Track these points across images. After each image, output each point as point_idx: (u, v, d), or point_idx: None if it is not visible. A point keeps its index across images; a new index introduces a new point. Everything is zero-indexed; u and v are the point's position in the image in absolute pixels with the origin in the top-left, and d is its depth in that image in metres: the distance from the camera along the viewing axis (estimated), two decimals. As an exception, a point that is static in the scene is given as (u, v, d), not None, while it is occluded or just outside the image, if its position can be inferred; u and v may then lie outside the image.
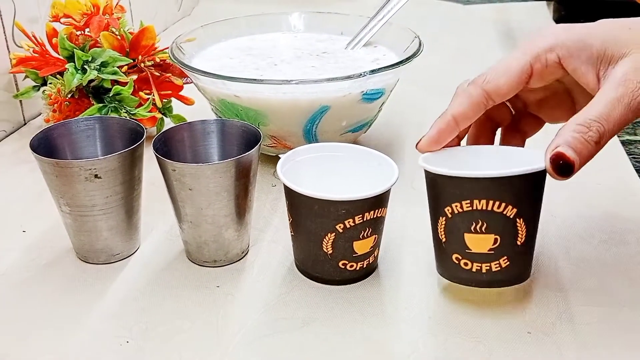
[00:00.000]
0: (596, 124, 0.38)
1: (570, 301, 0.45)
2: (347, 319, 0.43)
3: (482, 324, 0.43)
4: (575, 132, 0.38)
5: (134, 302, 0.45)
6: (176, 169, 0.44)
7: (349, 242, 0.44)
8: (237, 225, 0.47)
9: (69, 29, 0.66)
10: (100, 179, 0.45)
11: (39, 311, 0.45)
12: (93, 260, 0.49)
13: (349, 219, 0.43)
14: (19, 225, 0.54)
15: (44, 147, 0.47)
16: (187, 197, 0.45)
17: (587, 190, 0.58)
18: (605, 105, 0.38)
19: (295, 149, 0.48)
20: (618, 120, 0.38)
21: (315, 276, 0.46)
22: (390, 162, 0.46)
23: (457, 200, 0.41)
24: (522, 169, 0.40)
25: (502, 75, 0.41)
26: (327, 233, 0.43)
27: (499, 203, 0.40)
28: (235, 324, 0.43)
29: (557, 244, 0.51)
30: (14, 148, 0.68)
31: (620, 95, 0.38)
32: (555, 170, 0.38)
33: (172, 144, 0.48)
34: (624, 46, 0.39)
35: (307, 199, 0.43)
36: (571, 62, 0.40)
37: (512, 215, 0.41)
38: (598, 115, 0.38)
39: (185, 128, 0.49)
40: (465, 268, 0.43)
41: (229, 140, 0.50)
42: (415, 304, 0.45)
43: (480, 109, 0.43)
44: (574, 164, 0.38)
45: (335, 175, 0.49)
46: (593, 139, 0.38)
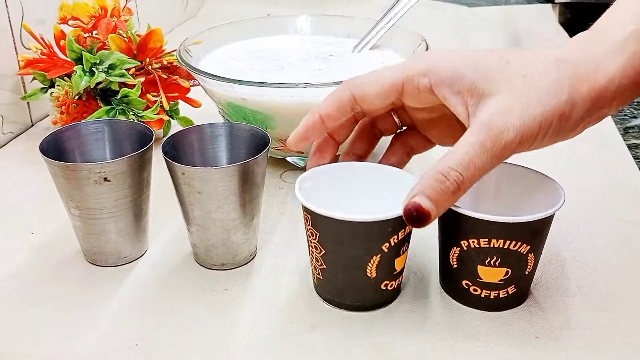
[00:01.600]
0: (454, 173, 0.36)
1: (578, 306, 0.45)
2: (355, 323, 0.43)
3: (490, 328, 0.43)
4: (434, 181, 0.37)
5: (142, 304, 0.45)
6: (185, 173, 0.44)
7: (391, 261, 0.42)
8: (246, 229, 0.47)
9: (77, 31, 0.66)
10: (110, 182, 0.45)
11: (48, 313, 0.45)
12: (101, 262, 0.49)
13: (394, 236, 0.41)
14: (28, 227, 0.54)
15: (53, 150, 0.47)
16: (196, 201, 0.45)
17: (593, 194, 0.58)
18: (467, 151, 0.36)
19: (300, 177, 0.45)
20: (480, 167, 0.37)
21: (355, 305, 0.44)
22: (396, 170, 0.46)
23: (475, 237, 0.42)
24: (543, 214, 0.41)
25: (372, 84, 0.41)
26: (372, 256, 0.41)
27: (515, 242, 0.41)
28: (244, 326, 0.43)
29: (564, 249, 0.51)
30: (21, 149, 0.68)
31: (482, 140, 0.36)
32: (409, 220, 0.37)
33: (181, 147, 0.48)
34: (495, 83, 0.37)
35: (351, 225, 0.40)
36: (441, 90, 0.39)
37: (525, 252, 0.42)
38: (458, 163, 0.36)
39: (194, 131, 0.49)
40: (474, 293, 0.44)
41: (237, 143, 0.50)
42: (423, 308, 0.45)
43: (347, 112, 0.42)
44: (429, 215, 0.37)
45: (347, 196, 0.47)
46: (450, 188, 0.37)
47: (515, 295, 0.44)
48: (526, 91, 0.37)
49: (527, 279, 0.44)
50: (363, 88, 0.41)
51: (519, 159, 0.49)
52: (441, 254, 0.46)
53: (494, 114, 0.37)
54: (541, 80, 0.37)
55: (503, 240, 0.41)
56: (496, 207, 0.46)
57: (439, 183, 0.37)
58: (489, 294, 0.44)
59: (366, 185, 0.47)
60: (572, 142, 0.69)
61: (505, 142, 0.36)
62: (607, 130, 0.72)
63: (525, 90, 0.37)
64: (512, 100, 0.37)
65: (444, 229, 0.44)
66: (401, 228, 0.41)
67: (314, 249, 0.43)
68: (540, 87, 0.37)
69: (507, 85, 0.37)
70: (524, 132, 0.37)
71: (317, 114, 0.43)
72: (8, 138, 0.69)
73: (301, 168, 0.63)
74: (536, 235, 0.42)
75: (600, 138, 0.70)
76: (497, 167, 0.47)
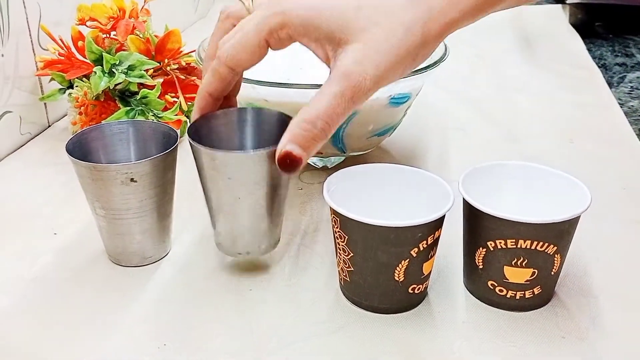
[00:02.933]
0: (320, 122, 0.39)
1: (603, 306, 0.45)
2: (381, 323, 0.44)
3: (515, 328, 0.43)
4: (303, 130, 0.40)
5: (168, 305, 0.46)
6: (216, 158, 0.43)
7: (420, 265, 0.43)
8: (273, 217, 0.46)
9: (95, 32, 0.66)
10: (136, 183, 0.45)
11: (75, 315, 0.45)
12: (125, 263, 0.49)
13: (423, 242, 0.41)
14: (50, 228, 0.54)
15: (78, 150, 0.47)
16: (225, 187, 0.44)
17: (612, 196, 0.59)
18: (329, 101, 0.39)
19: (327, 180, 0.45)
20: (341, 113, 0.39)
21: (382, 308, 0.44)
22: (422, 172, 0.46)
23: (503, 238, 0.42)
24: (571, 214, 0.41)
25: (241, 52, 0.42)
26: (401, 261, 0.42)
27: (542, 243, 0.42)
28: (270, 328, 0.43)
29: (586, 249, 0.51)
30: (40, 150, 0.68)
31: (343, 90, 0.39)
32: (283, 167, 0.40)
33: (205, 133, 0.47)
34: (351, 32, 0.39)
35: (382, 230, 0.41)
36: (302, 39, 0.41)
37: (552, 252, 0.42)
38: (323, 112, 0.39)
39: (220, 116, 0.48)
40: (499, 294, 0.44)
41: (264, 130, 0.49)
42: (448, 308, 0.45)
43: (230, 82, 0.44)
44: (300, 160, 0.40)
45: (372, 198, 0.47)
46: (318, 135, 0.40)
47: (541, 296, 0.44)
48: (380, 39, 0.39)
49: (552, 279, 0.44)
50: (237, 58, 0.42)
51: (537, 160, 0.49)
52: (466, 254, 0.46)
53: (351, 64, 0.39)
54: (394, 28, 0.39)
55: (530, 241, 0.41)
56: (521, 207, 0.46)
57: (307, 132, 0.40)
58: (515, 295, 0.44)
59: (391, 186, 0.47)
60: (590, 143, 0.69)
61: (363, 90, 0.39)
62: (624, 132, 0.72)
63: (379, 39, 0.39)
64: (367, 49, 0.39)
65: (469, 230, 0.45)
66: (430, 233, 0.42)
67: (341, 251, 0.43)
68: (394, 35, 0.39)
69: (362, 34, 0.39)
70: (380, 79, 0.39)
71: (205, 93, 0.45)
72: (26, 139, 0.70)
73: (320, 168, 0.64)
74: (563, 235, 0.42)
75: (618, 139, 0.71)
76: (521, 167, 0.47)
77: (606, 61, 0.99)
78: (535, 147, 0.69)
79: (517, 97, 0.83)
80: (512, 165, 0.48)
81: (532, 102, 0.82)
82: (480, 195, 0.44)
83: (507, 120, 0.76)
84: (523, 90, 0.85)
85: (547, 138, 0.71)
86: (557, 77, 0.90)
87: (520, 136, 0.72)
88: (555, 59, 0.97)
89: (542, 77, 0.90)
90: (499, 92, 0.85)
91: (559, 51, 1.00)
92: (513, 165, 0.48)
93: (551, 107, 0.80)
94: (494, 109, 0.79)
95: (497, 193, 0.47)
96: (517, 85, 0.87)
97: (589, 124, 0.75)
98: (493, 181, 0.47)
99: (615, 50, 1.04)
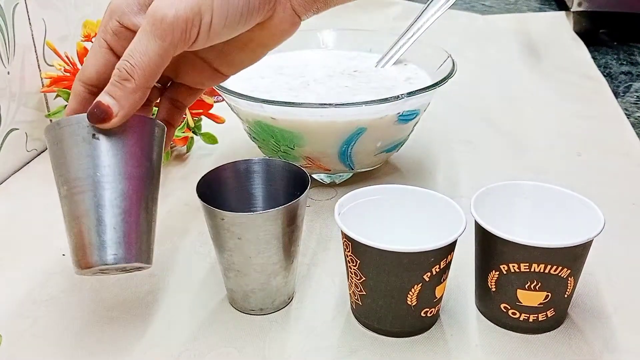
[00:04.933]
0: (123, 63, 0.38)
1: (616, 327, 0.45)
2: (394, 347, 0.43)
3: (529, 351, 0.43)
4: (112, 78, 0.38)
5: (179, 327, 0.45)
6: (225, 218, 0.42)
7: (432, 289, 0.42)
8: (285, 272, 0.45)
9: (101, 48, 0.66)
10: None
11: (86, 338, 0.45)
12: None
13: (436, 266, 0.41)
14: (59, 249, 0.54)
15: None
16: (236, 246, 0.43)
17: (622, 211, 0.58)
18: (135, 41, 0.38)
19: (338, 202, 0.45)
20: (143, 51, 0.37)
21: (394, 332, 0.44)
22: (432, 193, 0.46)
23: (516, 261, 0.42)
24: (585, 237, 0.41)
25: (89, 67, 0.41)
26: (414, 285, 0.42)
27: (556, 267, 0.41)
28: (282, 352, 0.43)
29: (598, 268, 0.51)
30: (46, 167, 0.68)
31: (143, 26, 0.37)
32: (92, 118, 0.38)
33: (215, 186, 0.47)
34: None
35: (395, 255, 0.40)
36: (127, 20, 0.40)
37: (565, 276, 0.42)
38: (126, 54, 0.38)
39: (228, 168, 0.48)
40: (512, 316, 0.44)
41: (273, 180, 0.48)
42: (461, 332, 0.45)
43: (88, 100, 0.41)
44: (109, 110, 0.38)
45: (384, 220, 0.47)
46: (123, 78, 0.38)
47: (554, 319, 0.44)
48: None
49: (566, 301, 0.44)
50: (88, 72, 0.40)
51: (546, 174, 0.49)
52: (478, 277, 0.46)
53: (157, 2, 0.38)
54: None
55: (544, 265, 0.41)
56: (533, 229, 0.46)
57: (114, 78, 0.38)
58: (528, 317, 0.43)
59: (402, 208, 0.47)
60: (598, 156, 0.69)
61: (166, 21, 0.37)
62: (632, 144, 0.72)
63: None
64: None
65: (482, 253, 0.44)
66: (443, 258, 0.41)
67: (353, 275, 0.43)
68: None
69: None
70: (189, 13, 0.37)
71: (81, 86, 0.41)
72: (32, 155, 0.70)
73: (328, 184, 0.63)
74: (577, 259, 0.42)
75: (626, 152, 0.70)
76: (532, 188, 0.47)
77: (611, 70, 0.99)
78: (543, 160, 0.69)
79: (523, 107, 0.83)
80: (523, 185, 0.47)
81: (538, 113, 0.81)
82: (492, 216, 0.44)
83: (513, 131, 0.76)
84: (529, 101, 0.85)
85: (555, 151, 0.71)
86: (563, 86, 0.89)
87: (527, 149, 0.72)
88: (561, 68, 0.96)
89: (548, 86, 0.90)
90: (504, 102, 0.85)
91: (564, 60, 1.00)
92: (524, 185, 0.47)
93: (558, 118, 0.80)
94: (501, 120, 0.79)
95: (508, 213, 0.47)
96: (522, 96, 0.87)
97: (596, 136, 0.74)
98: (505, 201, 0.47)
99: (620, 58, 1.03)
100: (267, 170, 0.48)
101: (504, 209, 0.47)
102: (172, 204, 0.61)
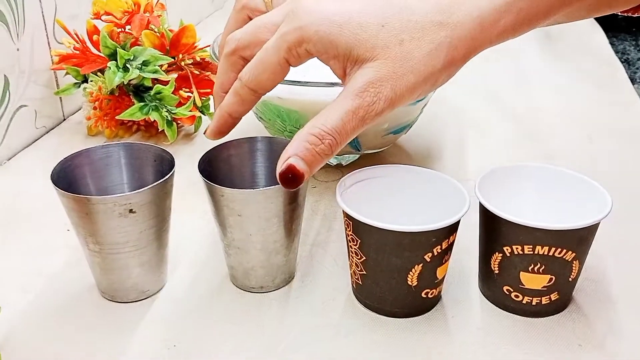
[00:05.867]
0: (329, 138, 0.37)
1: (621, 313, 0.44)
2: (394, 328, 0.43)
3: (531, 335, 0.42)
4: (308, 143, 0.37)
5: (181, 304, 0.45)
6: (225, 195, 0.42)
7: (433, 270, 0.42)
8: (286, 251, 0.45)
9: (110, 26, 0.66)
10: (135, 214, 0.42)
11: (88, 313, 0.45)
12: (121, 299, 0.46)
13: (437, 247, 0.41)
14: (63, 224, 0.54)
15: (63, 180, 0.43)
16: (236, 223, 0.43)
17: (633, 196, 0.57)
18: (340, 117, 0.37)
19: (340, 181, 0.45)
20: (350, 132, 0.37)
21: (395, 312, 0.43)
22: (435, 174, 0.46)
23: (519, 243, 0.41)
24: (591, 220, 0.40)
25: (262, 73, 0.40)
26: (414, 265, 0.41)
27: (560, 249, 0.41)
28: (281, 330, 0.43)
29: (605, 253, 0.50)
30: (55, 144, 0.68)
31: (356, 107, 0.37)
32: (284, 182, 0.38)
33: (217, 164, 0.46)
34: (370, 49, 0.37)
35: (395, 235, 0.40)
36: (320, 55, 0.39)
37: (570, 259, 0.41)
38: (332, 128, 0.37)
39: (231, 146, 0.47)
40: (515, 299, 0.43)
41: (276, 159, 0.48)
42: (463, 313, 0.44)
43: (251, 103, 0.42)
44: (303, 176, 0.37)
45: (386, 199, 0.46)
46: (324, 151, 0.37)
47: (558, 302, 0.43)
48: (400, 60, 0.37)
49: (570, 285, 0.43)
50: (257, 80, 0.41)
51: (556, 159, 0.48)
52: (481, 259, 0.45)
53: (367, 83, 0.37)
54: (417, 48, 0.37)
55: (548, 247, 0.40)
56: (540, 212, 0.45)
57: (313, 146, 0.37)
58: (531, 301, 0.43)
59: (406, 188, 0.46)
60: (611, 141, 0.68)
61: (376, 111, 0.37)
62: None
63: (400, 59, 0.37)
64: (386, 70, 0.37)
65: (485, 235, 0.44)
66: (445, 238, 0.41)
67: (354, 254, 0.43)
68: (416, 56, 0.37)
69: (383, 51, 0.37)
70: (394, 101, 0.38)
71: (225, 113, 0.42)
72: (41, 132, 0.70)
73: (334, 166, 0.63)
74: (582, 242, 0.41)
75: (638, 137, 0.69)
76: (539, 169, 0.46)
77: (629, 56, 0.97)
78: (554, 145, 0.68)
79: (536, 91, 0.82)
80: (530, 167, 0.47)
81: (551, 98, 0.80)
82: (497, 198, 0.43)
83: (525, 116, 0.75)
84: (542, 85, 0.84)
85: (567, 135, 0.70)
86: (578, 71, 0.88)
87: (538, 133, 0.71)
88: (577, 52, 0.95)
89: (563, 71, 0.88)
90: (517, 86, 0.84)
91: (581, 45, 0.98)
92: (531, 167, 0.47)
93: (571, 103, 0.78)
94: (512, 104, 0.78)
95: (514, 196, 0.46)
96: (536, 80, 0.86)
97: (610, 121, 0.73)
98: (511, 183, 0.46)
99: (639, 44, 1.01)
100: (270, 149, 0.48)
101: (510, 191, 0.46)
102: (178, 182, 0.61)
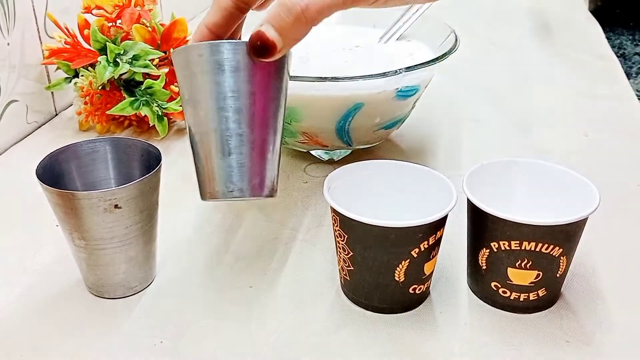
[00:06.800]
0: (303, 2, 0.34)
1: (610, 309, 0.44)
2: (381, 323, 0.43)
3: (519, 331, 0.42)
4: (282, 9, 0.34)
5: (165, 301, 0.45)
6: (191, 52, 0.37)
7: (420, 265, 0.42)
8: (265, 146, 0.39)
9: (101, 20, 0.66)
10: (121, 209, 0.41)
11: (76, 308, 0.45)
12: (109, 295, 0.45)
13: (424, 242, 0.41)
14: (53, 220, 0.54)
15: (49, 175, 0.43)
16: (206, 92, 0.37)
17: (626, 192, 0.57)
18: None
19: (328, 177, 0.44)
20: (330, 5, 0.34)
21: (382, 308, 0.43)
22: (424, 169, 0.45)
23: (506, 239, 0.41)
24: (578, 216, 0.40)
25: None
26: (401, 261, 0.41)
27: (547, 245, 0.40)
28: (269, 325, 0.43)
29: (595, 248, 0.49)
30: (46, 139, 0.68)
31: None
32: (253, 51, 0.35)
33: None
34: None
35: (381, 230, 0.39)
36: None
37: (557, 254, 0.41)
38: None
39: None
40: (503, 295, 0.43)
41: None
42: (450, 309, 0.44)
43: (231, 17, 0.38)
44: (274, 45, 0.34)
45: (374, 194, 0.46)
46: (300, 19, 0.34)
47: (546, 298, 0.43)
48: None
49: (558, 281, 0.43)
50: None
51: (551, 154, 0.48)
52: (469, 255, 0.45)
53: None
54: None
55: (535, 243, 0.40)
56: (529, 207, 0.45)
57: (286, 12, 0.34)
58: (519, 297, 0.43)
59: (395, 184, 0.46)
60: (605, 136, 0.67)
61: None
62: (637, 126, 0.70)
63: None
64: None
65: (473, 230, 0.43)
66: (432, 234, 0.41)
67: (341, 250, 0.43)
68: None
69: None
70: None
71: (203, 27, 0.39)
72: (32, 127, 0.70)
73: (326, 161, 0.63)
74: (569, 238, 0.41)
75: (634, 133, 0.69)
76: (529, 165, 0.46)
77: (625, 50, 0.96)
78: (549, 140, 0.67)
79: (531, 86, 0.81)
80: (520, 163, 0.46)
81: (547, 92, 0.80)
82: (486, 193, 0.43)
83: (520, 110, 0.74)
84: (538, 79, 0.83)
85: (561, 130, 0.70)
86: (574, 66, 0.87)
87: (533, 128, 0.70)
88: (573, 47, 0.94)
89: (558, 65, 0.88)
90: (513, 80, 0.83)
91: (577, 39, 0.97)
92: (521, 163, 0.46)
93: (566, 97, 0.78)
94: (508, 98, 0.78)
95: (504, 191, 0.46)
96: (532, 74, 0.85)
97: (605, 116, 0.73)
98: (500, 179, 0.46)
99: (636, 39, 1.01)
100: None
101: (499, 186, 0.46)
102: (169, 178, 0.61)
